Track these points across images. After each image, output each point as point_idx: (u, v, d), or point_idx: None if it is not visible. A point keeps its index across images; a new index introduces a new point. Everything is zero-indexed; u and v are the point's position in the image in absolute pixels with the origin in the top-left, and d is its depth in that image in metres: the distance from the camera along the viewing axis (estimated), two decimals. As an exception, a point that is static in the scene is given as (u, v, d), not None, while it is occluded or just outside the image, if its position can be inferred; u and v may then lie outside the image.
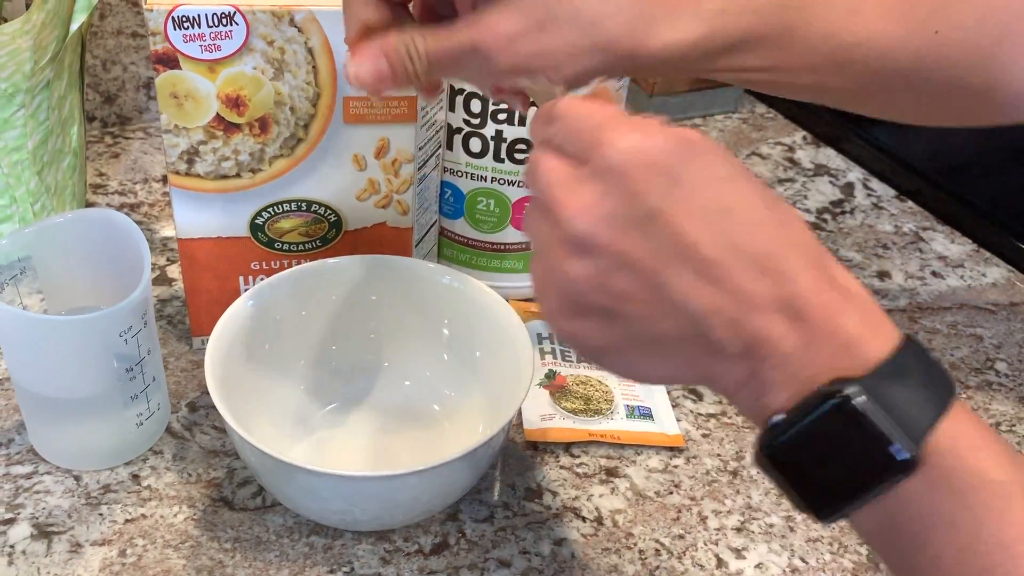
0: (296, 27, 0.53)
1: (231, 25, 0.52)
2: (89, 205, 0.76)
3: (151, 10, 0.51)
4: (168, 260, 0.72)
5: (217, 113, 0.54)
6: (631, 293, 0.34)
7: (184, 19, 0.51)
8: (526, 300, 0.70)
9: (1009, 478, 0.32)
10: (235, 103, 0.54)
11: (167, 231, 0.75)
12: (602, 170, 0.33)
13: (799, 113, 0.99)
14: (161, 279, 0.70)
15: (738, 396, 0.35)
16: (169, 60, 0.52)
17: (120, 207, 0.77)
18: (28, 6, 0.67)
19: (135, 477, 0.55)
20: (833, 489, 0.33)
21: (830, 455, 0.33)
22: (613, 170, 0.33)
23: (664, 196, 0.33)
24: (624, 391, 0.63)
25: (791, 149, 0.94)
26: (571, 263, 0.34)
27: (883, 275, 0.78)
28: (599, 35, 0.41)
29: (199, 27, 0.51)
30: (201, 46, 0.52)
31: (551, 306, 0.36)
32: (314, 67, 0.54)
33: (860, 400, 0.32)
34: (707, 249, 0.32)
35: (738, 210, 0.33)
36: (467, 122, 0.63)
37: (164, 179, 0.81)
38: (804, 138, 0.96)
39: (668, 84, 0.94)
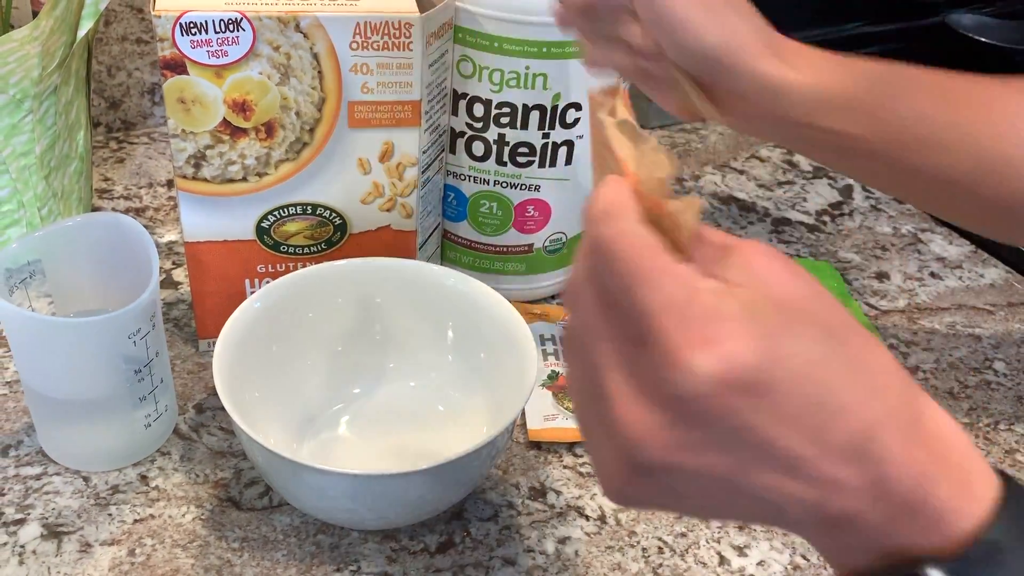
0: (302, 33, 0.53)
1: (238, 31, 0.52)
2: (95, 210, 0.77)
3: (159, 16, 0.51)
4: (173, 264, 0.72)
5: (224, 118, 0.55)
6: (704, 493, 0.30)
7: (191, 25, 0.52)
8: (528, 302, 0.71)
9: None
10: (242, 108, 0.55)
11: (172, 235, 0.75)
12: (672, 397, 0.28)
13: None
14: (166, 282, 0.70)
15: (812, 542, 0.32)
16: (177, 65, 0.53)
17: (125, 212, 0.77)
18: (34, 13, 0.68)
19: (143, 478, 0.56)
20: None
21: None
22: (687, 400, 0.28)
23: (752, 414, 0.28)
24: (626, 391, 0.63)
25: (790, 152, 0.95)
26: (632, 481, 0.30)
27: (882, 276, 0.79)
28: (720, 20, 0.45)
29: (206, 33, 0.52)
30: (208, 52, 0.53)
31: (607, 486, 0.32)
32: (319, 72, 0.55)
33: None
34: (796, 448, 0.28)
35: (830, 398, 0.28)
36: (470, 126, 0.64)
37: (169, 184, 0.81)
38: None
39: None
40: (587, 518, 0.56)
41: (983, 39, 1.15)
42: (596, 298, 0.30)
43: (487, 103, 0.62)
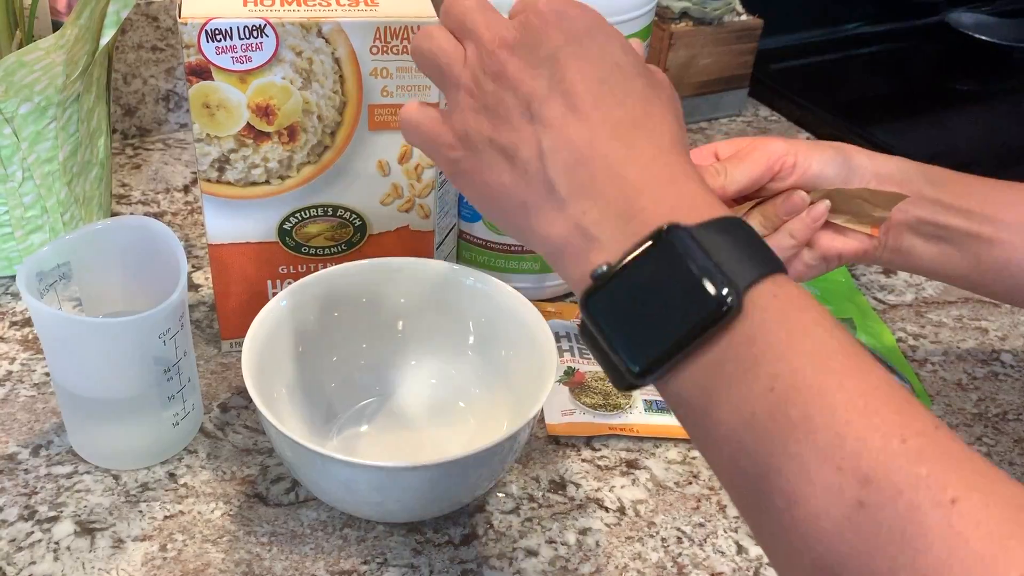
0: (323, 38, 0.55)
1: (261, 37, 0.54)
2: (114, 215, 0.78)
3: (185, 24, 0.53)
4: (193, 267, 0.74)
5: (247, 122, 0.56)
6: (506, 104, 0.39)
7: (217, 32, 0.53)
8: (542, 300, 0.72)
9: (828, 333, 0.32)
10: (265, 112, 0.56)
11: (191, 239, 0.77)
12: (528, 7, 0.40)
13: (802, 116, 1.02)
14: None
15: (565, 252, 0.37)
16: (202, 71, 0.54)
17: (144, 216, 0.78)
18: (54, 23, 0.69)
19: (172, 475, 0.57)
20: (658, 333, 0.33)
21: (653, 295, 0.33)
22: (535, 13, 0.40)
23: (564, 46, 0.39)
24: (641, 386, 0.65)
25: (795, 151, 0.96)
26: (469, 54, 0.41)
27: (888, 271, 0.80)
28: (837, 149, 0.58)
29: (231, 39, 0.53)
30: (233, 57, 0.54)
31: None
32: (340, 76, 0.56)
33: (681, 239, 0.33)
34: (579, 97, 0.38)
35: (613, 83, 0.38)
36: (485, 128, 0.65)
37: (185, 189, 0.83)
38: (807, 139, 0.98)
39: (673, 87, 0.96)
40: (607, 510, 0.57)
41: (983, 37, 1.17)
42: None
43: (502, 105, 0.64)
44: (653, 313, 0.33)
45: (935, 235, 0.56)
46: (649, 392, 0.64)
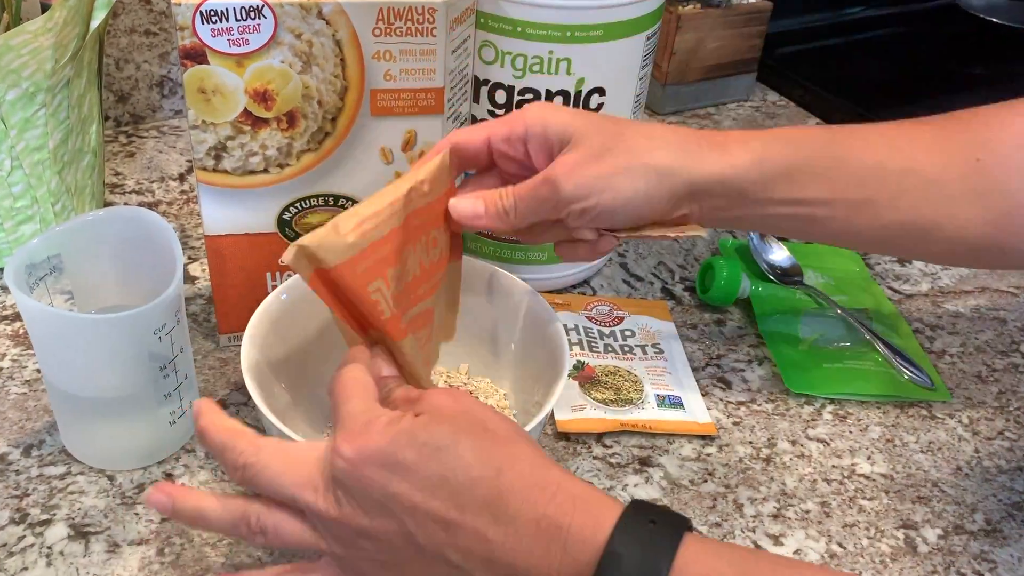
0: (324, 19, 0.52)
1: (259, 18, 0.51)
2: (107, 205, 0.76)
3: (179, 4, 0.50)
4: (189, 258, 0.71)
5: (245, 108, 0.54)
6: (396, 559, 0.39)
7: (212, 13, 0.51)
8: (550, 292, 0.70)
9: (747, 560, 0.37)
10: (263, 97, 0.54)
11: (187, 229, 0.74)
12: (331, 479, 0.39)
13: (811, 101, 1.00)
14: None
15: None
16: (197, 55, 0.52)
17: (138, 206, 0.76)
18: (43, 5, 0.67)
19: (168, 476, 0.55)
20: None
21: None
22: (339, 478, 0.39)
23: (391, 483, 0.38)
24: (653, 380, 0.63)
25: (805, 136, 0.94)
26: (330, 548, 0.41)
27: (903, 260, 0.78)
28: (651, 159, 0.49)
29: (227, 21, 0.51)
30: (229, 40, 0.52)
31: None
32: (342, 60, 0.54)
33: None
34: (443, 511, 0.38)
35: (453, 476, 0.38)
36: (492, 113, 0.63)
37: (180, 177, 0.80)
38: (816, 125, 0.96)
39: (681, 74, 0.94)
40: (620, 509, 0.55)
41: (994, 19, 1.15)
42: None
43: (509, 89, 0.61)
44: None
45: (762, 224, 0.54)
46: (661, 387, 0.62)
